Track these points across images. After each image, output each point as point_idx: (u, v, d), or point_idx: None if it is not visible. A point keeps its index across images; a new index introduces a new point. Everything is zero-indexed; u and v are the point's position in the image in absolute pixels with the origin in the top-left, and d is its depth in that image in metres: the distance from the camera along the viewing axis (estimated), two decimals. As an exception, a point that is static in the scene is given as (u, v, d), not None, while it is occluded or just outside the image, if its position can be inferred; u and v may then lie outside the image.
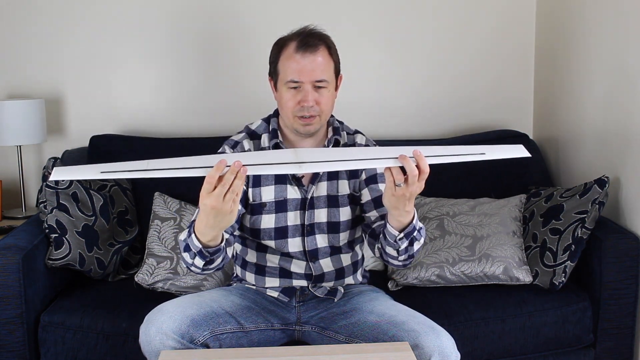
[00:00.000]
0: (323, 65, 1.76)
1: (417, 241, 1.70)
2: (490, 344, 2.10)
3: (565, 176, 2.69)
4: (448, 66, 2.89)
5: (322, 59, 1.76)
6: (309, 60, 1.74)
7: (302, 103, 1.75)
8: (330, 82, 1.78)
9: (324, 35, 1.80)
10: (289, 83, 1.75)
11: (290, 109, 1.77)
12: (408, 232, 1.65)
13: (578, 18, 2.56)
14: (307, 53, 1.74)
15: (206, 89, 2.85)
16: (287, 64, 1.76)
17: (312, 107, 1.75)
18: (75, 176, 1.50)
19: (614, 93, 2.33)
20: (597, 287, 2.16)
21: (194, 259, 1.64)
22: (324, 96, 1.77)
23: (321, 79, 1.75)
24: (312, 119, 1.77)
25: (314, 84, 1.75)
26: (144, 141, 2.64)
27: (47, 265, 2.18)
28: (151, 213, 2.40)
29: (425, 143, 2.70)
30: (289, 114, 1.78)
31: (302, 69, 1.74)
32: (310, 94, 1.75)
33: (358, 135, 1.93)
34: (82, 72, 2.80)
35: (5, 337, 2.04)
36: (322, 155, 1.51)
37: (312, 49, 1.75)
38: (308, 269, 1.87)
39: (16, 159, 2.72)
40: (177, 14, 2.80)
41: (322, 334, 1.81)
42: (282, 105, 1.80)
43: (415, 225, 1.66)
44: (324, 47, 1.78)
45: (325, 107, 1.78)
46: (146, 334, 1.62)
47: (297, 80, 1.74)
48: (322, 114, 1.78)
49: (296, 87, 1.75)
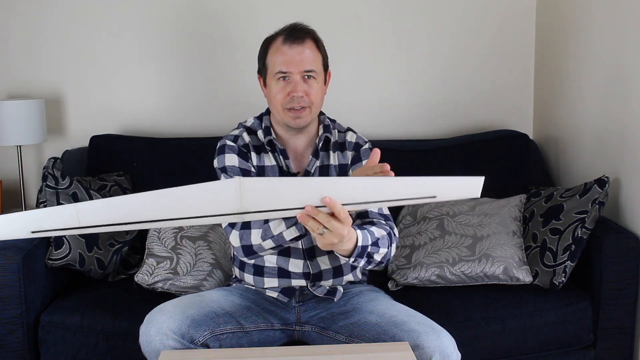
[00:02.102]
0: (311, 56, 1.78)
1: (377, 252, 1.67)
2: (491, 344, 2.10)
3: (565, 176, 2.69)
4: (448, 66, 2.89)
5: (310, 51, 1.78)
6: (297, 51, 1.76)
7: (291, 94, 1.76)
8: (319, 73, 1.79)
9: (310, 30, 1.83)
10: (278, 74, 1.77)
11: (280, 102, 1.78)
12: (358, 254, 1.62)
13: (578, 19, 2.56)
14: (295, 44, 1.77)
15: (206, 89, 2.85)
16: (275, 56, 1.78)
17: (301, 98, 1.76)
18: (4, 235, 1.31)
19: (613, 93, 2.33)
20: (597, 287, 2.16)
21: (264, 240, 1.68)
22: (313, 87, 1.78)
23: (310, 69, 1.77)
24: (303, 111, 1.78)
25: (303, 75, 1.77)
26: (144, 141, 2.64)
27: (47, 265, 2.18)
28: (151, 213, 2.39)
29: (425, 143, 2.70)
30: (279, 108, 1.79)
31: (290, 60, 1.76)
32: (299, 84, 1.76)
33: (349, 133, 1.93)
34: (82, 72, 2.80)
35: (5, 337, 2.04)
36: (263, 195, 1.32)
37: (300, 40, 1.77)
38: (306, 267, 1.87)
39: (16, 159, 2.72)
40: (177, 14, 2.80)
41: (322, 334, 1.81)
42: (272, 99, 1.80)
43: (365, 244, 1.62)
44: (311, 40, 1.80)
45: (314, 98, 1.78)
46: (146, 334, 1.62)
47: (285, 70, 1.76)
48: (312, 105, 1.78)
49: (285, 77, 1.77)
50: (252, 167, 1.84)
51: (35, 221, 1.29)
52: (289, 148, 1.88)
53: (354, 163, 1.89)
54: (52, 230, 1.29)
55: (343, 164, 1.89)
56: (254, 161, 1.85)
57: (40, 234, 1.30)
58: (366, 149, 1.90)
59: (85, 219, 1.28)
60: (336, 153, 1.90)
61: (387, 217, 1.82)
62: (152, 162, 2.58)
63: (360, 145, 1.91)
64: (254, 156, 1.86)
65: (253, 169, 1.84)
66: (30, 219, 1.30)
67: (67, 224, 1.28)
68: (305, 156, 1.88)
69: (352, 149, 1.90)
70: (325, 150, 1.89)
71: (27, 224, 1.29)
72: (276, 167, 1.86)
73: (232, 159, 1.83)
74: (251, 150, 1.86)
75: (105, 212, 1.29)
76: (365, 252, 1.64)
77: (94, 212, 1.29)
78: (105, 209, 1.29)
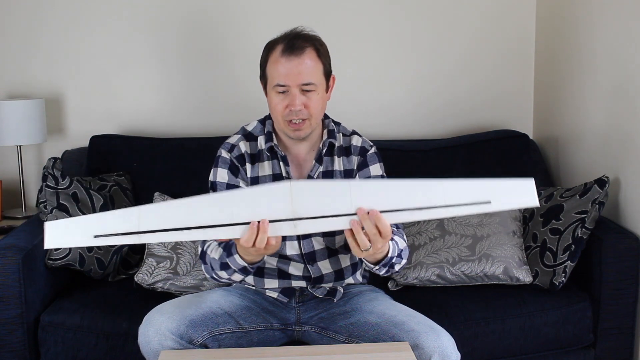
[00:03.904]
0: (310, 68, 1.73)
1: (399, 263, 1.71)
2: (490, 344, 2.10)
3: (565, 176, 2.68)
4: (448, 66, 2.89)
5: (310, 62, 1.73)
6: (295, 64, 1.72)
7: (289, 107, 1.73)
8: (318, 84, 1.75)
9: (311, 37, 1.78)
10: (276, 87, 1.74)
11: (280, 114, 1.76)
12: (385, 263, 1.66)
13: (578, 17, 2.56)
14: (293, 56, 1.72)
15: (206, 89, 2.85)
16: (274, 67, 1.75)
17: (300, 111, 1.73)
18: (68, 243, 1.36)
19: (614, 93, 2.33)
20: (597, 287, 2.16)
21: (232, 275, 1.69)
22: (312, 100, 1.74)
23: (308, 82, 1.73)
24: (302, 124, 1.76)
25: (301, 88, 1.73)
26: (144, 141, 2.64)
27: (47, 265, 2.18)
28: (151, 213, 2.39)
29: (425, 143, 2.70)
30: (279, 119, 1.77)
31: (288, 73, 1.72)
32: (297, 98, 1.73)
33: (354, 136, 1.91)
34: (82, 72, 2.80)
35: (5, 337, 2.04)
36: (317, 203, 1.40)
37: (298, 51, 1.72)
38: (306, 271, 1.86)
39: (16, 159, 2.72)
40: (177, 14, 2.80)
41: (322, 334, 1.81)
42: (272, 109, 1.79)
43: (393, 255, 1.65)
44: (311, 49, 1.75)
45: (314, 110, 1.75)
46: (145, 335, 1.62)
47: (283, 84, 1.73)
48: (311, 117, 1.76)
49: (283, 91, 1.74)
50: (240, 183, 1.84)
51: (97, 224, 1.33)
52: (291, 154, 1.86)
53: (360, 169, 1.87)
54: (113, 235, 1.33)
55: (349, 169, 1.87)
56: (248, 172, 1.84)
57: (102, 239, 1.32)
58: (372, 153, 1.88)
59: (146, 221, 1.34)
60: (341, 158, 1.88)
61: (398, 225, 1.82)
62: (152, 162, 2.58)
63: (366, 150, 1.89)
64: (248, 167, 1.84)
65: (242, 183, 1.84)
66: (92, 222, 1.33)
67: (128, 228, 1.33)
68: (307, 161, 1.87)
69: (357, 154, 1.88)
70: (329, 155, 1.87)
71: (89, 228, 1.32)
72: (272, 176, 1.84)
73: (222, 174, 1.83)
74: (246, 161, 1.85)
75: (165, 214, 1.35)
76: (390, 262, 1.66)
77: (154, 213, 1.35)
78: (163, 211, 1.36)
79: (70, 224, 1.35)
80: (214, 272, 1.72)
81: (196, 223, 1.37)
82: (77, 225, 1.35)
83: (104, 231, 1.33)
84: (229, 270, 1.67)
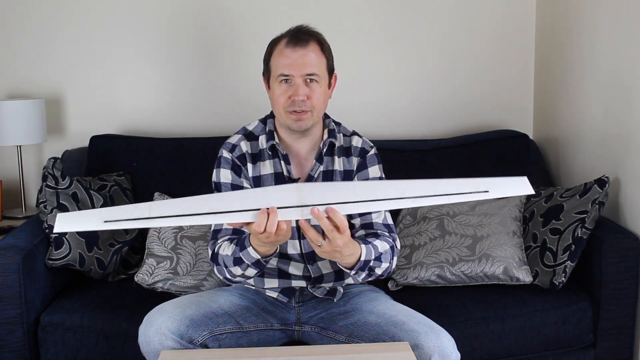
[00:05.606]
0: (314, 59, 1.76)
1: (378, 267, 1.71)
2: (490, 344, 2.10)
3: (565, 176, 2.69)
4: (448, 66, 2.89)
5: (314, 54, 1.76)
6: (300, 54, 1.75)
7: (293, 97, 1.75)
8: (321, 77, 1.77)
9: (315, 32, 1.81)
10: (280, 77, 1.76)
11: (282, 105, 1.77)
12: (360, 267, 1.66)
13: (578, 19, 2.56)
14: (298, 47, 1.75)
15: (206, 89, 2.85)
16: (278, 59, 1.77)
17: (303, 102, 1.75)
18: (79, 227, 1.39)
19: (614, 93, 2.33)
20: (597, 287, 2.16)
21: (245, 270, 1.67)
22: (315, 91, 1.76)
23: (312, 72, 1.75)
24: (304, 114, 1.77)
25: (305, 78, 1.75)
26: (144, 141, 2.64)
27: (47, 265, 2.18)
28: (151, 213, 2.39)
29: (425, 143, 2.70)
30: (281, 110, 1.78)
31: (293, 63, 1.74)
32: (301, 87, 1.75)
33: (355, 137, 1.92)
34: (82, 72, 2.81)
35: (5, 337, 2.04)
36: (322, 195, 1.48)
37: (303, 43, 1.76)
38: (306, 270, 1.86)
39: (16, 159, 2.72)
40: (177, 14, 2.80)
41: (322, 334, 1.81)
42: (274, 101, 1.80)
43: (369, 258, 1.66)
44: (315, 43, 1.78)
45: (317, 102, 1.77)
46: (145, 335, 1.62)
47: (287, 73, 1.75)
48: (313, 109, 1.77)
49: (287, 80, 1.75)
50: (244, 183, 1.84)
51: (107, 212, 1.37)
52: (292, 153, 1.86)
53: (359, 170, 1.88)
54: (124, 220, 1.36)
55: (348, 169, 1.88)
56: (249, 172, 1.84)
57: (112, 224, 1.36)
58: (372, 155, 1.89)
59: (157, 211, 1.38)
60: (341, 158, 1.88)
61: (391, 228, 1.83)
62: (152, 162, 2.58)
63: (366, 151, 1.89)
64: (249, 167, 1.85)
65: (246, 183, 1.84)
66: (103, 212, 1.38)
67: (139, 214, 1.37)
68: (308, 160, 1.87)
69: (357, 155, 1.89)
70: (329, 155, 1.88)
71: (99, 214, 1.37)
72: (273, 175, 1.84)
73: (225, 174, 1.83)
74: (247, 161, 1.85)
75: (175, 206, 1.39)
76: (367, 265, 1.66)
77: (165, 205, 1.39)
78: (173, 203, 1.40)
79: (80, 213, 1.41)
80: (227, 271, 1.71)
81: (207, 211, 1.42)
82: (87, 213, 1.40)
83: (115, 217, 1.37)
84: (243, 265, 1.66)
